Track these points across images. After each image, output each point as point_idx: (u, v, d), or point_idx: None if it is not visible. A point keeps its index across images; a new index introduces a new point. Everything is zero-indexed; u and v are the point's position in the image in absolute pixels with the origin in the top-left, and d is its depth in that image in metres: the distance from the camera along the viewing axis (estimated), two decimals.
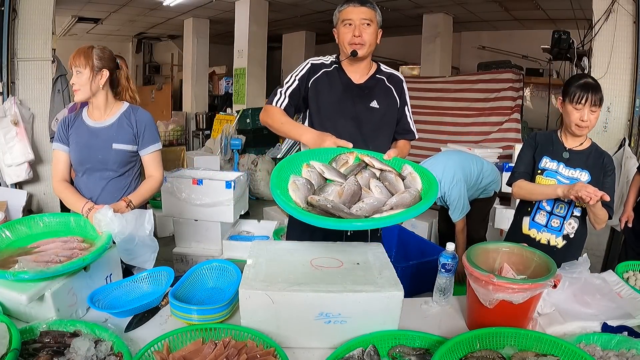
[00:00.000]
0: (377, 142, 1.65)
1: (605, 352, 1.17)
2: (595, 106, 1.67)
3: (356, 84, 1.72)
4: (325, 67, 1.74)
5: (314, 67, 1.73)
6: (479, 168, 3.10)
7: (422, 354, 1.13)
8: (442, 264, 1.41)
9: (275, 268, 1.22)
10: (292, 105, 1.70)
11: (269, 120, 1.69)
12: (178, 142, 7.68)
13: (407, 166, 1.45)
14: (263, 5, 6.94)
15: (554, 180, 1.75)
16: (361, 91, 1.72)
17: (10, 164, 3.18)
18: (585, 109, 1.67)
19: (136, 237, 1.52)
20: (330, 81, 1.71)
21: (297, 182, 1.30)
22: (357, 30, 1.63)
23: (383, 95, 1.74)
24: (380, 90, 1.74)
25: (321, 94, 1.70)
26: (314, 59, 1.77)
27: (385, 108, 1.73)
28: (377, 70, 1.77)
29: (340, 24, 1.67)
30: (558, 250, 1.76)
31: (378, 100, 1.72)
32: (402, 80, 1.80)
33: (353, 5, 1.64)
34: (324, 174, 1.38)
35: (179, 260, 3.30)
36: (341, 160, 1.45)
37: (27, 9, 3.25)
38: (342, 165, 1.44)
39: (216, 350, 1.05)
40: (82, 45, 1.75)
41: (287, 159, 1.42)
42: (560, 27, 4.39)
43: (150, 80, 10.88)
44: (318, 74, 1.72)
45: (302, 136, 1.57)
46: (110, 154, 1.75)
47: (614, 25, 3.19)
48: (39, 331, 1.09)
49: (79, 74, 1.71)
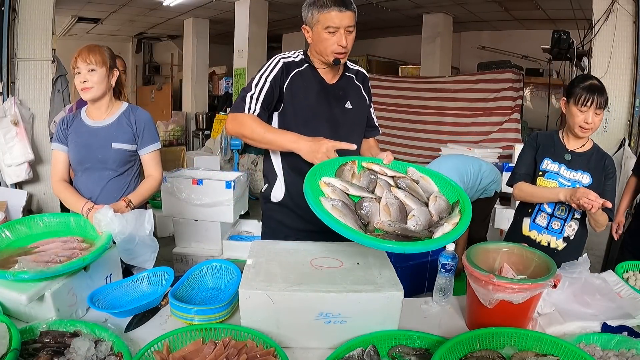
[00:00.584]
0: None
1: (605, 352, 1.17)
2: (600, 109, 1.66)
3: (330, 84, 1.65)
4: (297, 66, 1.62)
5: (286, 65, 1.60)
6: (476, 169, 3.09)
7: (422, 354, 1.13)
8: (442, 264, 1.41)
9: (275, 268, 1.22)
10: (265, 111, 1.55)
11: (242, 131, 1.51)
12: (178, 142, 7.68)
13: (412, 169, 1.44)
14: (263, 5, 6.94)
15: (555, 183, 1.74)
16: (336, 92, 1.65)
17: (10, 164, 3.18)
18: (590, 112, 1.65)
19: (136, 237, 1.52)
20: (305, 82, 1.61)
21: (336, 205, 1.21)
22: (343, 39, 1.51)
23: (355, 95, 1.70)
24: (352, 90, 1.70)
25: (297, 97, 1.60)
26: (283, 56, 1.63)
27: (357, 108, 1.69)
28: (345, 68, 1.71)
29: (320, 28, 1.52)
30: (558, 253, 1.75)
31: (351, 100, 1.68)
32: (367, 78, 1.77)
33: (338, 10, 1.49)
34: (349, 191, 1.32)
35: (179, 260, 3.30)
36: (348, 172, 1.39)
37: (27, 9, 3.25)
38: (351, 177, 1.40)
39: (216, 350, 1.05)
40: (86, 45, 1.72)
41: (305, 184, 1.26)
42: (560, 27, 4.39)
43: (150, 80, 10.88)
44: (292, 74, 1.60)
45: (294, 144, 1.45)
46: (110, 154, 1.75)
47: (614, 25, 3.19)
48: (39, 331, 1.09)
49: (92, 71, 1.68)
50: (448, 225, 1.18)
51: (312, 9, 1.53)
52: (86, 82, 1.68)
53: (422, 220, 1.23)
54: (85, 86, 1.69)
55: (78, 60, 1.68)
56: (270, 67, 1.58)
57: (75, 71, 1.70)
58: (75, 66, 1.69)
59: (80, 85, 1.70)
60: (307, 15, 1.55)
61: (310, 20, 1.55)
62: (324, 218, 1.14)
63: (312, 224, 1.64)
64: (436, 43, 7.12)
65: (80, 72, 1.68)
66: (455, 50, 7.64)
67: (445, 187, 1.39)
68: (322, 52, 1.56)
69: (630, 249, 2.23)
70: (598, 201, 1.51)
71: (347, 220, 1.17)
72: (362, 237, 1.10)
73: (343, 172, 1.39)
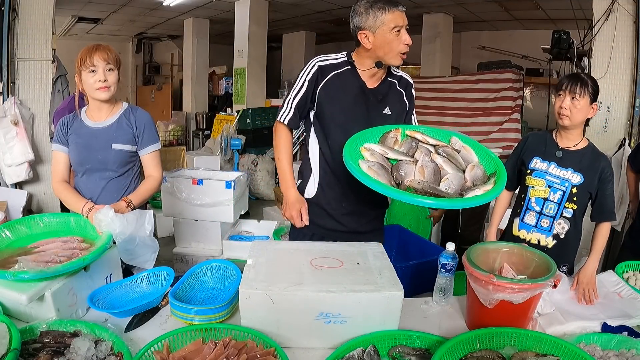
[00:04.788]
0: None
1: (605, 352, 1.17)
2: (578, 95, 1.63)
3: (370, 88, 1.65)
4: (335, 69, 1.63)
5: (322, 69, 1.63)
6: None
7: (422, 354, 1.13)
8: (442, 264, 1.41)
9: (275, 268, 1.22)
10: (297, 115, 1.65)
11: (274, 142, 1.71)
12: (178, 142, 7.69)
13: (456, 138, 1.47)
14: (263, 5, 6.94)
15: (542, 181, 1.74)
16: (375, 97, 1.65)
17: (10, 164, 3.17)
18: (566, 97, 1.65)
19: (137, 238, 1.52)
20: (343, 85, 1.63)
21: (372, 166, 1.30)
22: (408, 37, 1.51)
23: (395, 101, 1.69)
24: (392, 96, 1.68)
25: (333, 100, 1.62)
26: (320, 60, 1.66)
27: (396, 114, 1.68)
28: (388, 73, 1.69)
29: (386, 30, 1.50)
30: (549, 251, 1.74)
31: (390, 106, 1.67)
32: (411, 85, 1.74)
33: (402, 9, 1.50)
34: (388, 155, 1.39)
35: (179, 260, 3.30)
36: (391, 139, 1.46)
37: (27, 9, 3.24)
38: (393, 144, 1.45)
39: (216, 350, 1.05)
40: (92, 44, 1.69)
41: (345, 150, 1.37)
42: (560, 27, 4.38)
43: (150, 80, 10.88)
44: (327, 77, 1.62)
45: (285, 189, 1.68)
46: (110, 154, 1.75)
47: (614, 25, 3.19)
48: (39, 331, 1.09)
49: (110, 71, 1.66)
50: (479, 190, 1.24)
51: (374, 12, 1.50)
52: (106, 81, 1.66)
53: (455, 184, 1.29)
54: (105, 85, 1.66)
55: (95, 58, 1.63)
56: (306, 71, 1.63)
57: (88, 69, 1.64)
58: (89, 64, 1.63)
59: (97, 84, 1.65)
60: (367, 19, 1.52)
61: (373, 23, 1.51)
62: (356, 173, 1.25)
63: (341, 224, 1.71)
64: (436, 43, 7.12)
65: (97, 71, 1.64)
66: (455, 50, 7.63)
67: (486, 158, 1.44)
68: (387, 54, 1.54)
69: (630, 249, 2.23)
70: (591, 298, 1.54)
71: (381, 178, 1.26)
72: (390, 190, 1.20)
73: (386, 139, 1.46)
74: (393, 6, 1.49)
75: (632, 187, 2.59)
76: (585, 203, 1.73)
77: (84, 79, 1.67)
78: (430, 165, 1.35)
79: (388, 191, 1.22)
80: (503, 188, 1.29)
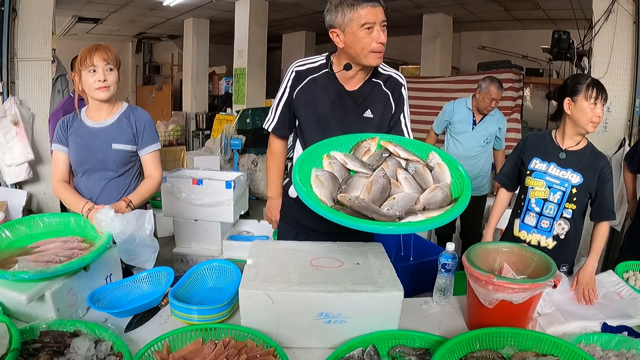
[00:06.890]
0: None
1: (605, 352, 1.17)
2: (605, 103, 1.67)
3: (350, 91, 1.56)
4: (313, 73, 1.57)
5: (298, 74, 1.58)
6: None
7: (422, 354, 1.13)
8: (442, 264, 1.41)
9: (275, 268, 1.23)
10: (281, 122, 1.64)
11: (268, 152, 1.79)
12: (178, 142, 7.68)
13: (434, 154, 1.34)
14: (263, 5, 6.94)
15: (542, 182, 1.73)
16: (354, 100, 1.56)
17: (10, 164, 3.17)
18: (599, 105, 1.66)
19: (137, 238, 1.52)
20: (319, 89, 1.56)
21: (321, 176, 1.22)
22: (381, 35, 1.41)
23: (378, 103, 1.58)
24: (375, 97, 1.58)
25: (308, 105, 1.57)
26: (298, 64, 1.60)
27: (379, 117, 1.58)
28: (373, 73, 1.58)
29: (355, 27, 1.41)
30: (549, 252, 1.74)
31: (372, 108, 1.57)
32: (401, 84, 1.61)
33: (372, 5, 1.40)
34: (347, 165, 1.29)
35: (179, 260, 3.30)
36: (363, 148, 1.37)
37: (27, 9, 3.24)
38: (364, 153, 1.36)
39: (216, 350, 1.05)
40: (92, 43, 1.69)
41: (307, 151, 1.34)
42: (560, 27, 4.38)
43: (150, 80, 10.87)
44: (303, 83, 1.57)
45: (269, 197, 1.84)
46: (110, 154, 1.75)
47: (614, 25, 3.19)
48: (39, 331, 1.09)
49: (110, 71, 1.66)
50: (422, 216, 1.11)
51: (342, 9, 1.42)
52: (105, 81, 1.66)
53: (400, 206, 1.16)
54: (104, 85, 1.66)
55: (95, 58, 1.63)
56: (286, 77, 1.62)
57: (88, 69, 1.64)
58: (89, 64, 1.63)
59: (97, 84, 1.65)
60: (336, 16, 1.44)
61: (342, 21, 1.43)
62: (294, 182, 1.20)
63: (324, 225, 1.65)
64: (436, 43, 7.12)
65: (97, 71, 1.64)
66: (455, 50, 7.63)
67: (458, 182, 1.27)
68: (359, 54, 1.45)
69: (629, 249, 2.23)
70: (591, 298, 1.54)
71: (322, 191, 1.19)
72: (311, 202, 1.12)
73: (359, 148, 1.39)
74: (363, 1, 1.39)
75: (630, 187, 2.59)
76: (585, 203, 1.73)
77: (83, 79, 1.67)
78: (380, 182, 1.22)
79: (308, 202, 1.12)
80: (451, 219, 1.12)
